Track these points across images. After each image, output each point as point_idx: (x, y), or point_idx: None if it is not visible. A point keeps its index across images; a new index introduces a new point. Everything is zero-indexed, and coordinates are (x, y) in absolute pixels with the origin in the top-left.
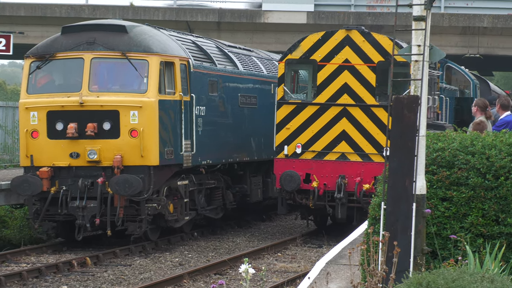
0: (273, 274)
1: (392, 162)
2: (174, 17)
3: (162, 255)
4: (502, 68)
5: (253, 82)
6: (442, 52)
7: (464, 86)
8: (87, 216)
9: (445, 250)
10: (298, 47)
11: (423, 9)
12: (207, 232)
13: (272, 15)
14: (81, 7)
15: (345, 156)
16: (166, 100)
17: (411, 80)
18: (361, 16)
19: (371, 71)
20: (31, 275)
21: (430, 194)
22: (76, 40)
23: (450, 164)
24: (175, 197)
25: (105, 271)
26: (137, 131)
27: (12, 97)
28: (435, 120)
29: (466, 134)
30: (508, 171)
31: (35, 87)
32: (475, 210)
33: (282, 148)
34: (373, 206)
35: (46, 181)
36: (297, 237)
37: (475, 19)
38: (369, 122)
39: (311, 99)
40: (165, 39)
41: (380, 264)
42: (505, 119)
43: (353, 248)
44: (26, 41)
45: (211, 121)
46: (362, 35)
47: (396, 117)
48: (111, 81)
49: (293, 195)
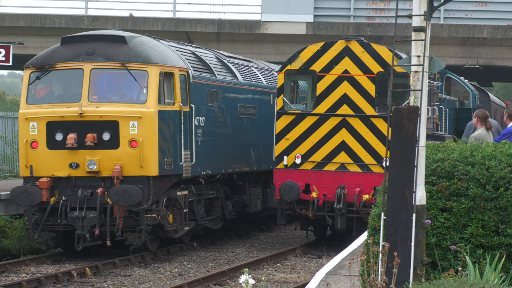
0: (273, 284)
1: (392, 172)
2: (173, 27)
3: (161, 266)
4: (501, 79)
5: (252, 92)
6: (442, 63)
7: (463, 97)
8: (87, 226)
9: (445, 261)
10: (297, 57)
11: (422, 20)
12: (207, 243)
13: (271, 26)
14: (81, 18)
15: (345, 166)
16: (165, 110)
17: (411, 90)
18: (360, 26)
19: (371, 82)
20: (30, 286)
21: (430, 205)
22: (76, 50)
23: (450, 175)
24: (175, 208)
25: (105, 282)
26: (137, 141)
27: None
28: (435, 130)
29: (466, 145)
30: (508, 181)
31: (34, 98)
32: (475, 221)
33: (282, 158)
34: (373, 216)
35: (46, 191)
36: (297, 248)
37: (475, 30)
38: (369, 133)
39: (311, 110)
40: (164, 50)
41: (380, 274)
42: (509, 129)
43: (353, 258)
44: (25, 52)
45: (211, 131)
46: (361, 45)
47: (396, 127)
48: (111, 92)
49: (293, 205)
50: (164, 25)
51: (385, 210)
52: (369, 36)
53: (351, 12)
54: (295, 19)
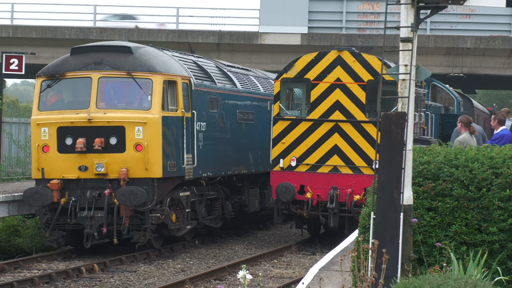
0: (269, 279)
1: (381, 174)
2: (176, 38)
3: (165, 262)
4: (484, 86)
5: (250, 99)
6: (428, 72)
7: (448, 103)
8: (95, 225)
9: (431, 257)
10: (292, 66)
11: (409, 31)
12: (208, 240)
13: (268, 37)
14: (89, 30)
15: (337, 169)
16: (169, 116)
17: (399, 97)
18: (351, 37)
19: (361, 89)
20: (42, 281)
21: (417, 205)
22: (85, 60)
23: (435, 176)
24: (177, 208)
25: (112, 277)
26: (142, 145)
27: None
28: (421, 135)
29: (450, 149)
30: (490, 183)
31: (46, 105)
32: (459, 220)
33: (278, 161)
34: (363, 215)
35: (56, 192)
36: (292, 245)
37: (459, 40)
38: (360, 137)
39: (305, 116)
40: (168, 59)
41: (370, 270)
42: (500, 133)
43: (345, 255)
44: (37, 62)
45: (211, 136)
46: (352, 55)
47: (385, 132)
48: (117, 99)
49: (288, 205)
50: (168, 36)
51: (375, 210)
52: (360, 46)
53: (343, 24)
54: (290, 31)
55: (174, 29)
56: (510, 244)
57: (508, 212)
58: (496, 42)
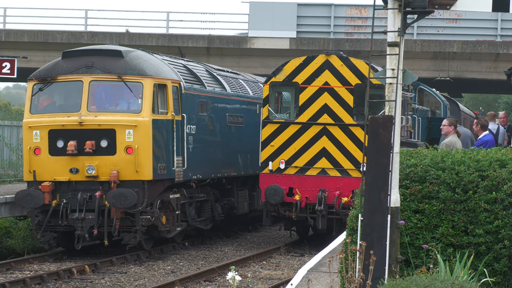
0: (259, 281)
1: (368, 177)
2: (166, 42)
3: (155, 263)
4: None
5: (240, 102)
6: (415, 76)
7: (435, 107)
8: (86, 227)
9: (418, 259)
10: (281, 70)
11: (396, 36)
12: (197, 242)
13: (257, 41)
14: (81, 34)
15: (325, 171)
16: (159, 119)
17: (386, 101)
18: (339, 42)
19: (349, 93)
20: (34, 282)
21: (404, 207)
22: (76, 64)
23: (422, 179)
24: (168, 210)
25: (103, 278)
26: (132, 148)
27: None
28: (408, 138)
29: (437, 151)
30: (476, 185)
31: (37, 108)
32: (446, 222)
33: (267, 164)
34: (351, 217)
35: (48, 194)
36: (281, 247)
37: (446, 45)
38: (347, 140)
39: (294, 119)
40: (158, 63)
41: (358, 271)
42: (483, 139)
43: (333, 256)
44: (29, 65)
45: (201, 139)
46: (340, 59)
47: (372, 135)
48: (108, 102)
49: (277, 207)
50: (158, 40)
51: (362, 212)
52: (348, 50)
53: (331, 29)
54: (279, 35)
55: (164, 33)
56: (497, 246)
57: (494, 214)
58: (483, 46)
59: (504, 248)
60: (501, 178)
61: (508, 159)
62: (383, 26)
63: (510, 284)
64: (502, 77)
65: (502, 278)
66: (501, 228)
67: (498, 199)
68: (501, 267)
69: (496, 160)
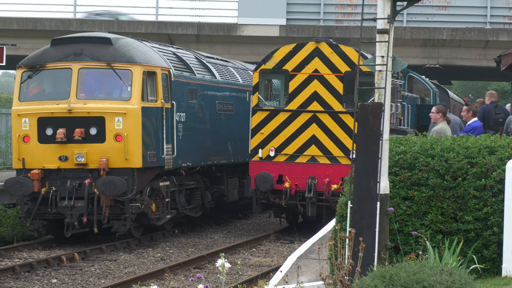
0: (248, 268)
1: (358, 164)
2: (156, 30)
3: (145, 251)
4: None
5: (229, 90)
6: (404, 63)
7: (424, 94)
8: (75, 214)
9: (407, 246)
10: (271, 58)
11: (386, 23)
12: (187, 230)
13: (247, 29)
14: (70, 21)
15: (315, 158)
16: (148, 107)
17: (375, 88)
18: (329, 29)
19: (339, 80)
20: (23, 270)
21: (393, 194)
22: (65, 51)
23: (412, 166)
24: (157, 197)
25: (92, 266)
26: (122, 135)
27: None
28: (398, 125)
29: (426, 139)
30: (465, 172)
31: (26, 95)
32: (435, 209)
33: (257, 151)
34: (341, 204)
35: (37, 182)
36: (271, 234)
37: (435, 32)
38: (337, 127)
39: (284, 106)
40: (147, 51)
41: (347, 258)
42: (472, 125)
43: (322, 243)
44: (18, 53)
45: (191, 126)
46: (330, 47)
47: (362, 122)
48: (97, 90)
49: (267, 195)
50: (147, 27)
51: (352, 199)
52: (338, 38)
53: (321, 16)
54: (269, 22)
55: (153, 21)
56: (486, 232)
57: (484, 201)
58: (472, 33)
59: (493, 234)
60: (490, 165)
61: (497, 146)
62: (373, 14)
63: (499, 271)
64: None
65: (491, 265)
66: (490, 215)
67: (487, 186)
68: (490, 253)
69: (485, 147)
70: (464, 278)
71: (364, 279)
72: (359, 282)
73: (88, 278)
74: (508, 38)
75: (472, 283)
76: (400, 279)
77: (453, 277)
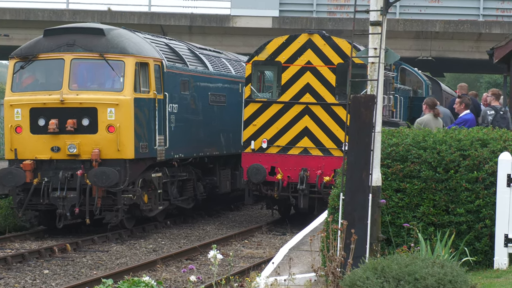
0: (240, 259)
1: (350, 156)
2: (148, 21)
3: (137, 242)
4: (452, 70)
5: (222, 81)
6: (397, 55)
7: (417, 86)
8: (67, 205)
9: (399, 238)
10: (264, 49)
11: (379, 15)
12: (179, 221)
13: (240, 20)
14: (62, 12)
15: (307, 150)
16: (141, 98)
17: (368, 80)
18: (322, 21)
19: (331, 72)
20: (15, 260)
21: (385, 186)
22: (57, 42)
23: (404, 158)
24: (149, 188)
25: (84, 257)
26: (114, 127)
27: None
28: (390, 117)
29: (418, 131)
30: (457, 164)
31: (19, 86)
32: (427, 201)
33: (249, 143)
34: (333, 196)
35: (29, 173)
36: (263, 226)
37: (428, 24)
38: (330, 119)
39: (276, 98)
40: (140, 42)
41: (339, 250)
42: (464, 117)
43: (314, 235)
44: (10, 43)
45: (183, 118)
46: (323, 38)
47: (354, 114)
48: (90, 80)
49: (259, 186)
50: (140, 18)
51: (344, 191)
52: (330, 30)
53: (313, 8)
54: (262, 14)
55: (146, 12)
56: (478, 225)
57: (476, 194)
58: (465, 26)
59: (485, 227)
60: (482, 158)
61: (490, 139)
62: (365, 6)
63: (491, 263)
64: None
65: (483, 257)
66: (482, 207)
67: (479, 179)
68: (482, 246)
69: (478, 140)
70: (456, 270)
71: (356, 271)
72: (351, 274)
73: (80, 269)
74: (500, 30)
75: (464, 275)
76: (392, 271)
77: (445, 269)
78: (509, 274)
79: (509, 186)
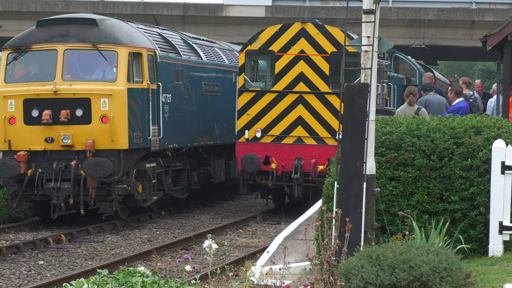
0: (235, 249)
1: (344, 145)
2: (141, 11)
3: (132, 232)
4: (445, 58)
5: (215, 71)
6: (390, 43)
7: (410, 75)
8: (62, 196)
9: (393, 226)
10: (257, 39)
11: (372, 3)
12: (174, 211)
13: (233, 9)
14: (55, 2)
15: (301, 139)
16: (134, 88)
17: (362, 69)
18: (315, 10)
19: (325, 61)
20: (10, 251)
21: (379, 174)
22: (50, 33)
23: (398, 146)
24: (144, 179)
25: (79, 247)
26: (108, 117)
27: None
28: (384, 106)
29: (412, 119)
30: (451, 152)
31: (12, 77)
32: (421, 189)
33: (243, 132)
34: (327, 185)
35: (23, 164)
36: (257, 215)
37: (421, 12)
38: (323, 108)
39: (270, 87)
40: (133, 32)
41: (334, 239)
42: (457, 105)
43: (309, 224)
44: (3, 34)
45: (177, 107)
46: (316, 27)
47: (348, 103)
48: (83, 71)
49: (254, 176)
50: (133, 8)
51: (338, 180)
52: (323, 18)
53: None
54: (255, 3)
55: (139, 1)
56: (472, 212)
57: (470, 181)
58: (458, 13)
59: (480, 214)
60: (476, 145)
61: (483, 126)
62: None
63: (486, 251)
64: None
65: (477, 245)
66: (477, 195)
67: (474, 166)
68: (477, 233)
69: (472, 127)
70: (451, 258)
71: (351, 259)
72: (346, 262)
73: (75, 259)
74: (494, 18)
75: (458, 263)
76: (386, 259)
77: (440, 257)
78: (504, 262)
79: (503, 174)
